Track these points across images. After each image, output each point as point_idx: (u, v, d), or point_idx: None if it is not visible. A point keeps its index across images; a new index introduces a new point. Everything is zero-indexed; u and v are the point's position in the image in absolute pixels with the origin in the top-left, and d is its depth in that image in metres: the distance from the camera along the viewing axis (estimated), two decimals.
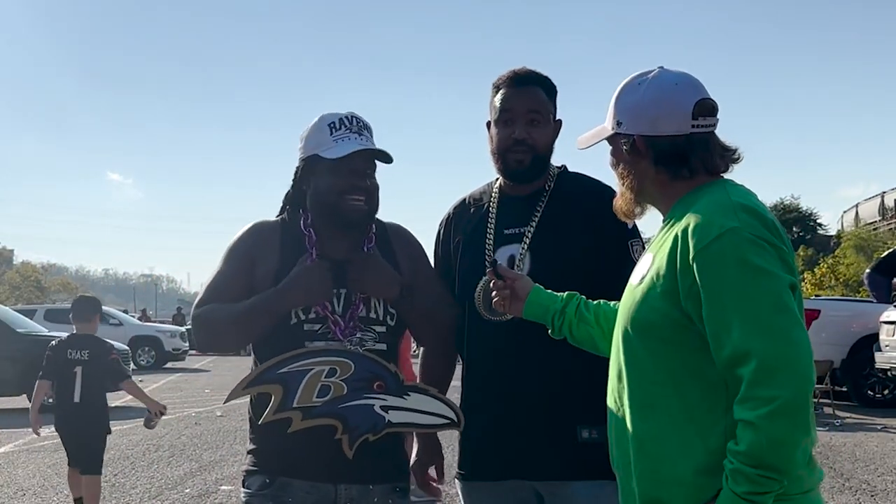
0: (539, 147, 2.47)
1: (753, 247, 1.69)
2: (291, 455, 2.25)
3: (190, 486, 7.26)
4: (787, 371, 1.62)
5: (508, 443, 2.40)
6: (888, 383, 12.37)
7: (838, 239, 28.73)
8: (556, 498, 2.39)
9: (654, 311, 1.81)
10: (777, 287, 1.68)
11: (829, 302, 13.93)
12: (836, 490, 6.79)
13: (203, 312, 2.36)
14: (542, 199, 2.50)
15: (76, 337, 5.99)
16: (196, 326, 2.38)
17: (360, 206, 2.37)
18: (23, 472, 8.20)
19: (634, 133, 1.89)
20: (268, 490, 2.28)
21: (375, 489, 2.32)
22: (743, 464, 1.63)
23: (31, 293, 54.05)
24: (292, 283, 2.29)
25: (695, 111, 1.85)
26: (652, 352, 1.82)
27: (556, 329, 2.19)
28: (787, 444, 1.63)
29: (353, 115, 2.41)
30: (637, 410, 1.84)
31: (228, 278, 2.37)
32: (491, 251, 2.48)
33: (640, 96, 1.89)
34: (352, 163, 2.35)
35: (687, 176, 1.87)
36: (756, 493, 1.63)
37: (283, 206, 2.50)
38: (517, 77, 2.50)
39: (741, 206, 1.75)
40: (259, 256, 2.38)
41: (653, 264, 1.84)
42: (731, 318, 1.67)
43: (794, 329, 1.66)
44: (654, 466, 1.80)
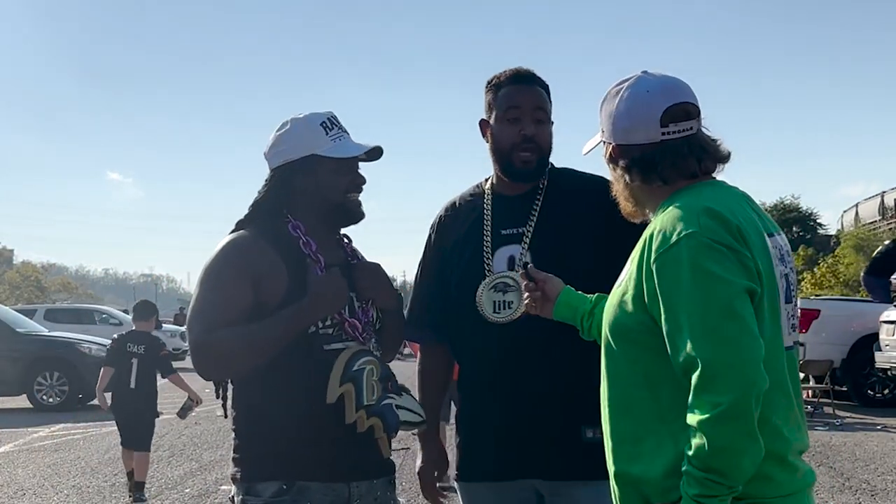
0: (545, 147, 2.46)
1: (709, 251, 1.70)
2: (309, 458, 2.23)
3: (190, 486, 7.26)
4: (731, 378, 1.63)
5: (511, 443, 2.39)
6: (888, 383, 12.37)
7: (838, 239, 28.72)
8: (558, 498, 2.39)
9: (626, 314, 1.83)
10: (729, 293, 1.68)
11: (829, 302, 13.92)
12: (836, 490, 6.79)
13: (216, 340, 2.19)
14: (538, 197, 2.48)
15: (135, 333, 7.11)
16: (209, 355, 2.22)
17: (359, 202, 2.42)
18: (23, 472, 8.21)
19: (611, 142, 1.93)
20: (286, 496, 2.22)
21: (377, 483, 2.34)
22: (692, 466, 1.66)
23: (31, 293, 54.08)
24: (316, 296, 2.26)
25: (663, 119, 1.86)
26: (626, 354, 1.84)
27: (584, 330, 2.20)
28: (729, 449, 1.63)
29: (335, 115, 2.42)
30: (615, 411, 1.87)
31: (231, 301, 2.23)
32: (489, 253, 2.46)
33: (615, 106, 1.92)
34: (354, 162, 2.39)
35: (660, 184, 1.89)
36: (705, 497, 1.65)
37: (252, 213, 2.39)
38: (521, 75, 2.49)
39: (706, 209, 1.75)
40: (261, 274, 2.27)
41: (629, 267, 1.87)
42: (682, 323, 1.69)
43: (742, 336, 1.66)
44: (628, 466, 1.82)
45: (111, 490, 7.25)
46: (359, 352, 2.28)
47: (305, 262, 2.33)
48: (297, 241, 2.35)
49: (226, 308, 2.23)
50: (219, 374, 2.41)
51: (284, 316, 2.23)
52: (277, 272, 2.28)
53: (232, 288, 2.25)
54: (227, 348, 2.21)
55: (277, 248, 2.32)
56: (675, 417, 1.74)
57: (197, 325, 2.23)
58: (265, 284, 2.26)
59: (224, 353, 2.21)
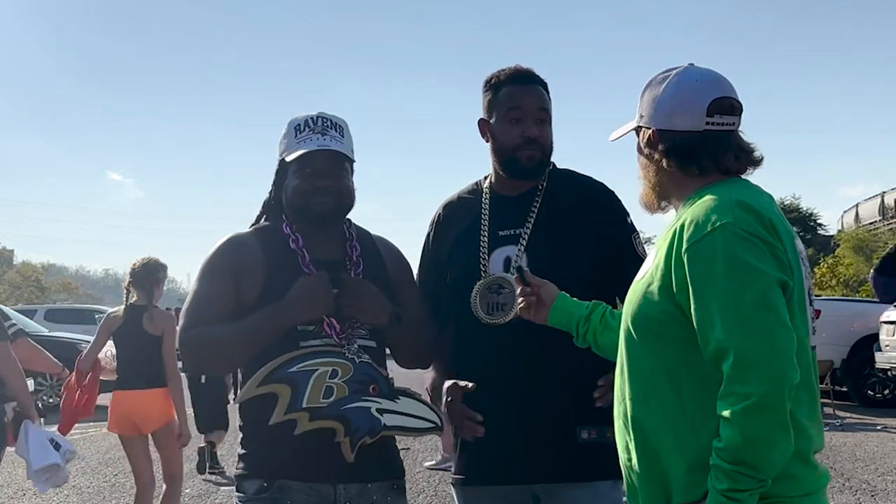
0: (547, 147, 2.46)
1: (744, 242, 1.70)
2: (289, 457, 2.22)
3: (190, 486, 7.26)
4: (764, 368, 1.63)
5: (508, 446, 2.38)
6: (888, 383, 12.38)
7: (837, 239, 28.71)
8: (554, 499, 2.38)
9: (651, 304, 1.82)
10: (763, 284, 1.68)
11: (829, 302, 13.92)
12: (836, 490, 6.79)
13: (196, 336, 2.27)
14: (536, 198, 2.47)
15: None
16: (191, 350, 2.30)
17: (325, 206, 2.35)
18: (23, 472, 8.17)
19: (652, 126, 1.92)
20: (266, 493, 2.24)
21: (373, 487, 2.31)
22: (722, 460, 1.65)
23: (31, 293, 54.02)
24: (297, 299, 2.25)
25: (710, 109, 1.87)
26: (649, 346, 1.83)
27: (579, 336, 2.19)
28: (762, 440, 1.62)
29: (321, 116, 2.39)
30: (637, 404, 1.85)
31: (214, 299, 2.30)
32: (486, 254, 2.45)
33: (661, 91, 1.92)
34: (315, 163, 2.33)
35: (696, 173, 1.89)
36: (735, 490, 1.64)
37: (260, 214, 2.49)
38: (522, 75, 2.48)
39: (739, 202, 1.76)
40: (242, 271, 2.32)
41: (654, 259, 1.86)
42: (715, 313, 1.68)
43: (776, 327, 1.66)
44: (653, 459, 1.81)
45: (111, 490, 7.25)
46: (312, 353, 2.21)
47: (292, 260, 2.34)
48: (287, 238, 2.37)
49: (210, 305, 2.29)
50: (202, 369, 2.46)
51: (265, 315, 2.25)
52: (256, 270, 2.32)
53: (216, 285, 2.31)
54: (205, 343, 2.27)
55: (265, 247, 2.35)
56: (697, 411, 1.74)
57: (183, 320, 2.32)
58: (243, 282, 2.31)
59: (203, 348, 2.28)
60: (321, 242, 2.39)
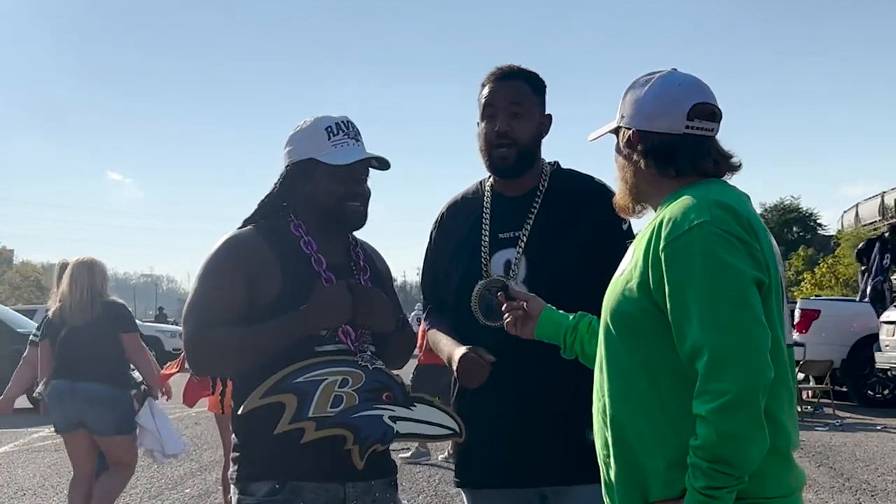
0: (522, 141, 2.42)
1: (722, 241, 1.71)
2: (301, 458, 2.21)
3: (190, 487, 7.26)
4: (739, 366, 1.64)
5: (514, 449, 2.38)
6: (888, 383, 12.39)
7: (837, 239, 28.70)
8: (562, 498, 2.39)
9: (630, 301, 1.83)
10: (740, 283, 1.69)
11: (829, 302, 13.95)
12: (836, 490, 6.79)
13: (211, 337, 2.23)
14: (536, 199, 2.47)
15: None
16: (202, 351, 2.25)
17: (358, 211, 2.37)
18: (23, 472, 8.21)
19: (632, 127, 1.93)
20: (278, 496, 2.22)
21: (375, 484, 2.32)
22: (699, 458, 1.65)
23: (31, 293, 54.00)
24: (321, 308, 2.24)
25: (691, 112, 1.88)
26: (627, 343, 1.84)
27: (567, 347, 2.19)
28: (738, 438, 1.63)
29: (349, 121, 2.39)
30: (616, 400, 1.86)
31: (223, 299, 2.26)
32: (487, 257, 2.45)
33: (643, 93, 1.93)
34: (352, 170, 2.34)
35: (673, 175, 1.90)
36: (712, 488, 1.65)
37: (259, 211, 2.42)
38: (500, 72, 2.48)
39: (717, 202, 1.77)
40: (256, 272, 2.28)
41: (633, 256, 1.87)
42: (692, 311, 1.69)
43: (752, 325, 1.67)
44: (632, 456, 1.82)
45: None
46: (321, 363, 2.20)
47: (304, 263, 2.33)
48: (297, 240, 2.35)
49: (220, 305, 2.25)
50: (211, 372, 2.39)
51: (284, 321, 2.23)
52: (272, 272, 2.29)
53: (227, 286, 2.27)
54: (220, 347, 2.24)
55: (275, 248, 2.32)
56: (676, 408, 1.74)
57: (192, 321, 2.26)
58: (258, 283, 2.27)
59: (217, 351, 2.24)
60: (329, 246, 2.38)
